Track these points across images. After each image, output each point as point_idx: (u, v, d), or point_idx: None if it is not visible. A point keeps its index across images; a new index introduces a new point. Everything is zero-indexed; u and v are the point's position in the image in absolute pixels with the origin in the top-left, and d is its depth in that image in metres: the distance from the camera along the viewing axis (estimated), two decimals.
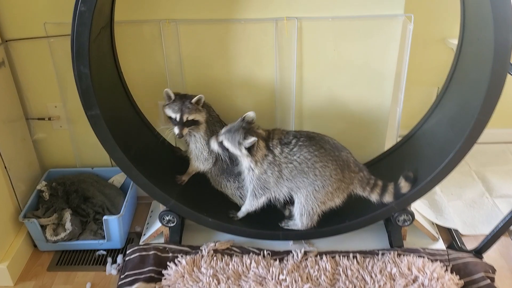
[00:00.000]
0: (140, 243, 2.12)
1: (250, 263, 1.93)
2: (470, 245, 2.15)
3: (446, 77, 2.02)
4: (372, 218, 1.96)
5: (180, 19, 1.97)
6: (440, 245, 2.10)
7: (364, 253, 2.00)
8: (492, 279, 1.89)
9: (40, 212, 2.10)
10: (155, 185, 1.89)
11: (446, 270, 1.87)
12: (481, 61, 1.72)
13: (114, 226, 2.06)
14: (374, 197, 1.91)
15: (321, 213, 1.93)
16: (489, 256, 2.05)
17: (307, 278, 1.88)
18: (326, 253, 2.00)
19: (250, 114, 1.81)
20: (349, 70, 2.07)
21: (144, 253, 1.97)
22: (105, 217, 2.03)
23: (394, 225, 2.02)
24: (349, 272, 1.89)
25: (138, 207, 2.40)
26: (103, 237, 2.11)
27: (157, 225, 2.10)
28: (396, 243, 2.05)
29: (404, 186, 1.87)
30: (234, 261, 1.94)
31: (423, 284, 1.81)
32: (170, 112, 1.91)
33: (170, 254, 1.99)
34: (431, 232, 2.12)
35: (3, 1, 1.97)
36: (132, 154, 1.86)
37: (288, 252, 2.01)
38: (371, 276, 1.87)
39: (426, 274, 1.84)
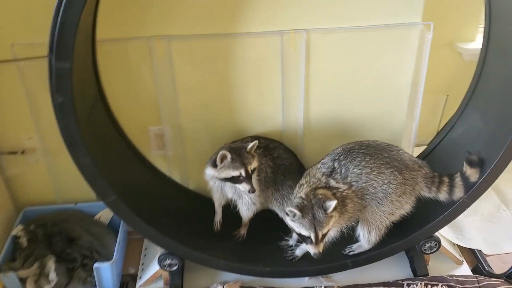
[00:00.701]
0: None
1: None
2: (495, 265, 2.01)
3: (469, 85, 1.84)
4: (398, 247, 1.78)
5: (173, 35, 1.73)
6: (466, 269, 1.94)
7: (389, 285, 1.82)
8: None
9: (18, 262, 1.82)
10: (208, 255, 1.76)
11: None
12: None
13: (106, 273, 1.80)
14: (442, 196, 1.67)
15: (390, 225, 1.71)
16: None
17: None
18: (347, 287, 1.81)
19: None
20: (361, 84, 1.88)
21: None
22: (96, 265, 1.77)
23: (417, 252, 1.85)
24: None
25: (129, 244, 2.14)
26: (94, 285, 1.85)
27: (154, 266, 1.88)
28: (420, 271, 1.89)
29: (472, 173, 1.62)
30: None
31: None
32: (232, 172, 1.65)
33: None
34: (455, 256, 1.96)
35: None
36: (156, 220, 1.70)
37: None
38: None
39: None
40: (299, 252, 1.81)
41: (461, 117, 1.87)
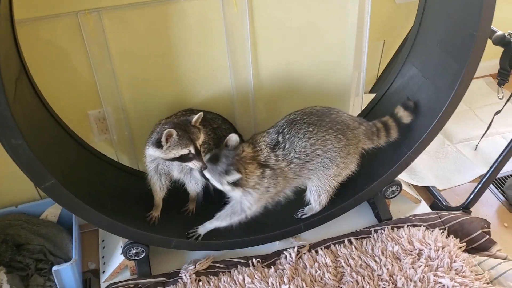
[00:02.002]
0: (102, 284, 1.76)
1: (243, 278, 1.68)
2: (450, 198, 2.10)
3: (411, 29, 1.84)
4: (363, 195, 1.80)
5: (104, 7, 1.56)
6: (425, 206, 2.02)
7: (357, 235, 1.85)
8: (489, 233, 1.85)
9: None
10: (154, 233, 1.66)
11: (448, 236, 1.79)
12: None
13: (67, 275, 1.67)
14: (382, 141, 1.73)
15: (338, 185, 1.73)
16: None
17: (311, 280, 1.68)
18: (318, 244, 1.82)
19: (232, 138, 1.54)
20: (307, 38, 1.84)
21: None
22: (55, 268, 1.63)
23: (380, 198, 1.89)
24: (351, 262, 1.73)
25: (83, 238, 2.00)
26: None
27: (117, 257, 1.77)
28: (384, 216, 1.93)
29: (404, 115, 1.71)
30: (225, 281, 1.68)
31: (430, 257, 1.71)
32: (180, 150, 1.51)
33: None
34: (413, 195, 2.02)
35: None
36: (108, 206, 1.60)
37: (278, 254, 1.80)
38: (375, 261, 1.73)
39: (430, 245, 1.73)
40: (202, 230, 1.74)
41: (403, 67, 1.88)
